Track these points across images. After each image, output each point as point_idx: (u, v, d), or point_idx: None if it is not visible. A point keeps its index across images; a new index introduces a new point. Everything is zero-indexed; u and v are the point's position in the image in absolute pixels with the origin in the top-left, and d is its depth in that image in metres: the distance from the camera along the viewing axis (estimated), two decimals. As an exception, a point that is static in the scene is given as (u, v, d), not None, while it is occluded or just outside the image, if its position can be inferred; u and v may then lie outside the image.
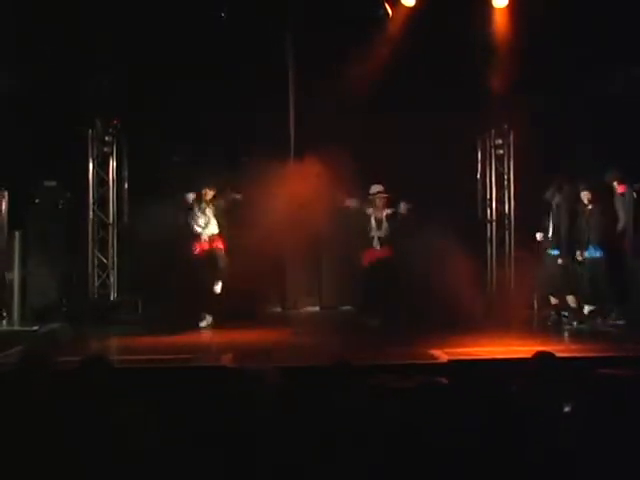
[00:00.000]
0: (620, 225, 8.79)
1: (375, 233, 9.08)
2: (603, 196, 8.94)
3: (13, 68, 9.16)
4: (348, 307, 10.49)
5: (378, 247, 9.06)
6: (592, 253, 8.84)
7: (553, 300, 9.07)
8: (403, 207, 9.07)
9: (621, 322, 8.63)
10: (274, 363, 5.47)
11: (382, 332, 8.48)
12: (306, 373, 5.12)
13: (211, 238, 9.07)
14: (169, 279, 9.48)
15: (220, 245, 9.07)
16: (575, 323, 8.80)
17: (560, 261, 8.99)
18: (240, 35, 9.43)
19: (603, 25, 9.13)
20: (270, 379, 3.70)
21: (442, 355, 6.64)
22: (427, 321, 8.77)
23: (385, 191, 9.11)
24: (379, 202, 9.10)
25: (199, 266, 8.98)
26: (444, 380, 4.10)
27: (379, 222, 9.10)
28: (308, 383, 3.92)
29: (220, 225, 9.09)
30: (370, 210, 9.13)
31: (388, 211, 9.13)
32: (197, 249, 9.03)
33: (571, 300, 8.94)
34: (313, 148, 9.24)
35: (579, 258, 8.90)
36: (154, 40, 9.24)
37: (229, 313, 8.83)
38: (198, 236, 9.04)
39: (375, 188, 9.14)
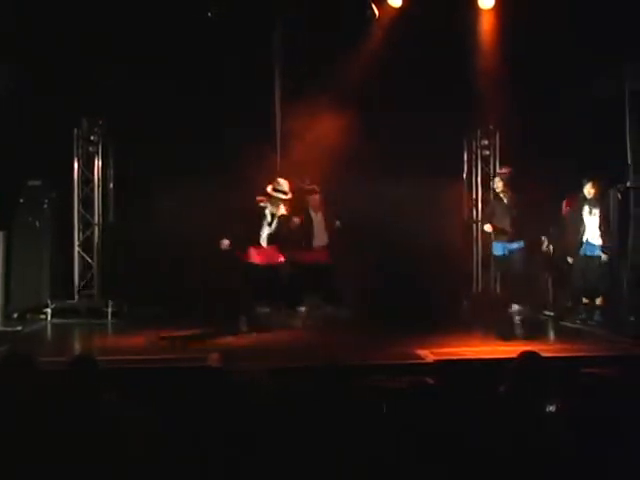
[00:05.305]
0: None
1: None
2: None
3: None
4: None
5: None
6: None
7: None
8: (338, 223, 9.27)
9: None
10: (264, 364, 5.47)
11: (367, 332, 8.46)
12: (295, 374, 5.11)
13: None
14: (157, 278, 9.49)
15: (281, 258, 8.61)
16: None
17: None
18: (227, 34, 9.42)
19: (588, 26, 9.17)
20: (260, 380, 3.70)
21: (428, 355, 6.66)
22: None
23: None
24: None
25: (251, 271, 8.47)
26: (430, 380, 4.12)
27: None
28: (298, 384, 3.92)
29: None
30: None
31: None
32: (255, 257, 8.49)
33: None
34: (299, 145, 9.27)
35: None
36: (141, 39, 9.20)
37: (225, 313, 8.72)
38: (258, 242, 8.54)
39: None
